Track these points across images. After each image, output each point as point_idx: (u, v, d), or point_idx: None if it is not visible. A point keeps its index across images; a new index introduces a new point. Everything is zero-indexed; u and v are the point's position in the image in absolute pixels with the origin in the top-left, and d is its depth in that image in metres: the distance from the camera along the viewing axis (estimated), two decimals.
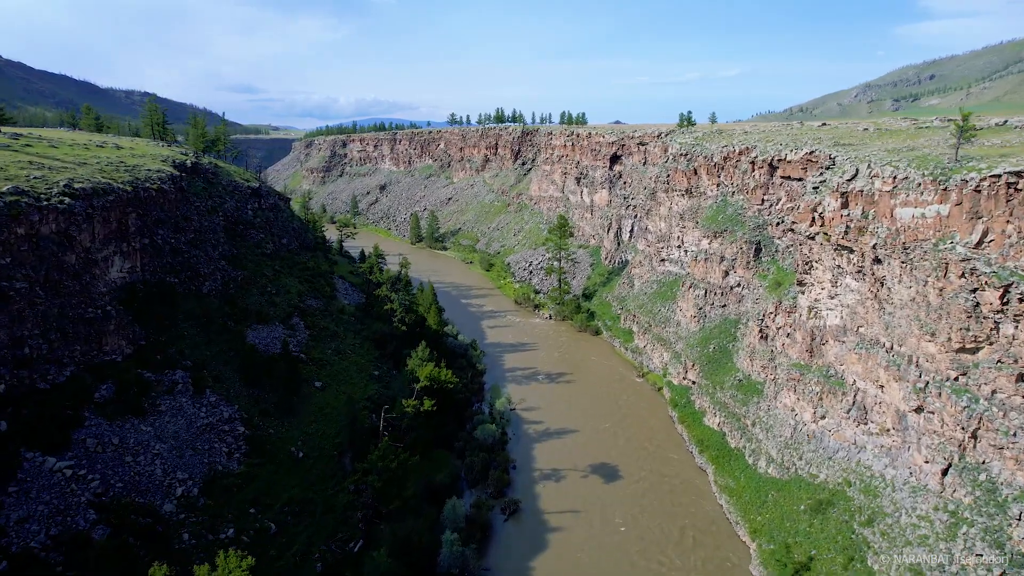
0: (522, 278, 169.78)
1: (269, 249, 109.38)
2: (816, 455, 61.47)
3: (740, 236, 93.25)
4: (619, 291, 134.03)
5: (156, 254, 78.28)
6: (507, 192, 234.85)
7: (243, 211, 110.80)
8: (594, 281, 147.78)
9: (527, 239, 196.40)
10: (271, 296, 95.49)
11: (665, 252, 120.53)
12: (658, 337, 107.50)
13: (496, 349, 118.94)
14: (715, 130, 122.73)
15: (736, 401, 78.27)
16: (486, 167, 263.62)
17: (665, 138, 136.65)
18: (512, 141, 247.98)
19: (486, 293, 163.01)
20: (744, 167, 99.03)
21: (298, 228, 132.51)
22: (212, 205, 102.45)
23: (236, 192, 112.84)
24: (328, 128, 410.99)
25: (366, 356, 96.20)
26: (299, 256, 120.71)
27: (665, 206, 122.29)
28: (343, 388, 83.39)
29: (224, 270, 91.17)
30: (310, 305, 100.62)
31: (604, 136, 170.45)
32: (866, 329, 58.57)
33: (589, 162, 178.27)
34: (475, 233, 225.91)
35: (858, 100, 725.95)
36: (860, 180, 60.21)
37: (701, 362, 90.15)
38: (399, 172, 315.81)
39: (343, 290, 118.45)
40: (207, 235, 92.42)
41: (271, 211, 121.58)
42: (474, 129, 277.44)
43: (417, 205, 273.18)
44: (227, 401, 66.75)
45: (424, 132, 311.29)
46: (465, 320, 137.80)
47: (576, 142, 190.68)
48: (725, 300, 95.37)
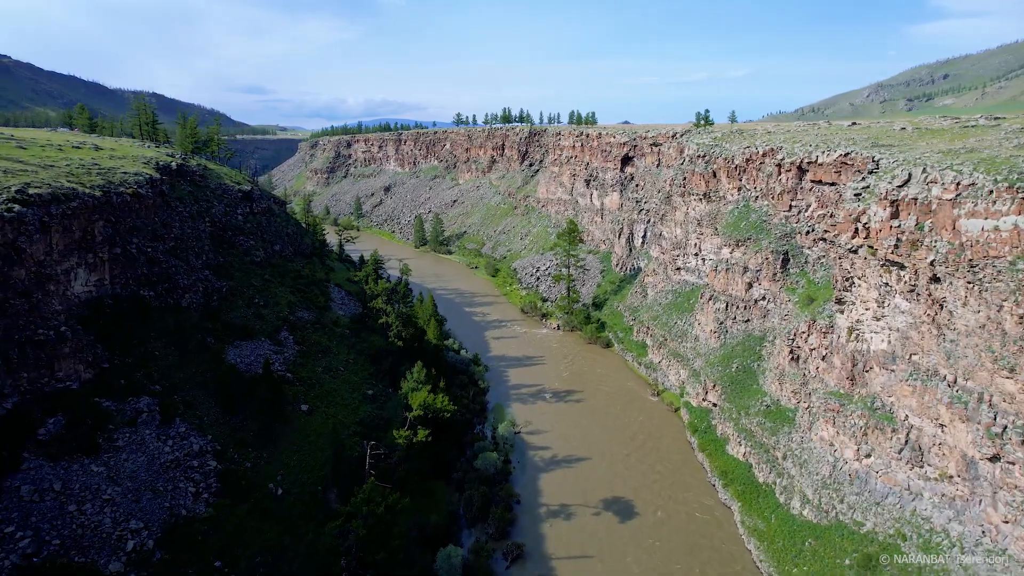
0: (529, 284, 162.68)
1: (259, 257, 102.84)
2: (860, 499, 53.99)
3: (765, 245, 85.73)
4: (631, 301, 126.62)
5: (129, 265, 71.70)
6: (514, 194, 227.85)
7: (232, 216, 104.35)
8: (604, 289, 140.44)
9: (534, 243, 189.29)
10: (258, 309, 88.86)
11: (681, 260, 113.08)
12: (674, 352, 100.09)
13: (500, 363, 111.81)
14: (735, 130, 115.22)
15: (764, 429, 70.82)
16: (492, 168, 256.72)
17: (681, 138, 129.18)
18: (519, 142, 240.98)
19: (491, 301, 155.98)
20: (769, 170, 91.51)
21: (293, 233, 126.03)
22: (198, 210, 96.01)
23: (225, 196, 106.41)
24: (333, 128, 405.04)
25: (360, 373, 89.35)
26: (293, 263, 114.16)
27: (681, 211, 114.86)
28: (332, 411, 76.56)
29: (207, 281, 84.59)
30: (301, 318, 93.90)
31: (615, 136, 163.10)
32: (921, 358, 51.04)
33: (599, 164, 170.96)
34: (481, 237, 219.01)
35: (870, 100, 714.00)
36: (914, 186, 52.70)
37: (723, 383, 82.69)
38: (404, 173, 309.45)
39: (339, 300, 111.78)
40: (190, 243, 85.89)
41: (264, 215, 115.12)
42: (480, 129, 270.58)
43: (422, 207, 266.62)
44: (199, 431, 60.00)
45: (429, 132, 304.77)
46: (468, 330, 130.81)
47: (586, 143, 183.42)
48: (748, 315, 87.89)
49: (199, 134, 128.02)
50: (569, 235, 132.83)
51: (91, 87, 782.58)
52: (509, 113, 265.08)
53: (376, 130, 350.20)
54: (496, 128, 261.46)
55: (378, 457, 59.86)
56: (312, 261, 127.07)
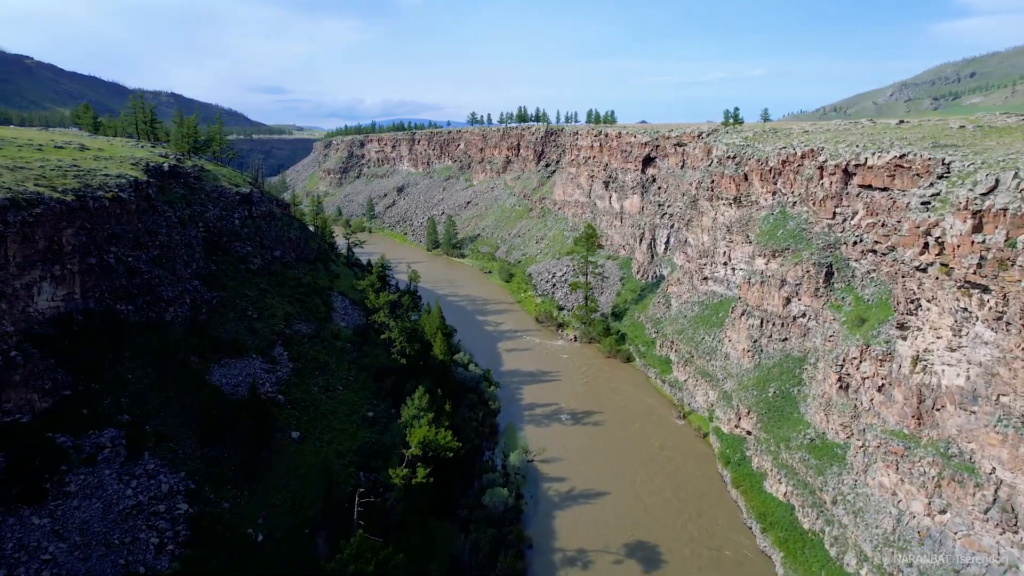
0: (544, 291, 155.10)
1: (256, 264, 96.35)
2: (935, 564, 45.74)
3: (806, 257, 77.34)
4: (654, 311, 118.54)
5: (106, 276, 65.31)
6: (529, 196, 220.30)
7: (228, 221, 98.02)
8: (624, 298, 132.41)
9: (550, 247, 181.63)
10: (251, 322, 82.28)
11: (709, 269, 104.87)
12: (702, 371, 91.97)
13: (513, 379, 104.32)
14: (767, 129, 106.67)
15: (808, 467, 62.66)
16: (507, 169, 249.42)
17: (707, 138, 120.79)
18: (535, 141, 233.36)
19: (504, 308, 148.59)
20: (809, 173, 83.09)
21: (296, 238, 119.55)
22: (190, 215, 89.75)
23: (222, 199, 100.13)
24: (347, 128, 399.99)
25: (361, 392, 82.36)
26: (293, 271, 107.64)
27: (708, 216, 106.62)
28: (327, 437, 69.66)
29: (195, 292, 78.16)
30: (298, 331, 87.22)
31: (636, 136, 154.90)
32: (1013, 400, 42.77)
33: (619, 164, 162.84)
34: (494, 240, 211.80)
35: (894, 99, 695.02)
36: (1002, 195, 44.42)
37: (759, 409, 74.51)
38: (417, 173, 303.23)
39: (341, 309, 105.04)
40: (177, 251, 79.49)
41: (263, 219, 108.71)
42: (495, 129, 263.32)
43: (435, 208, 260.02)
44: (171, 467, 53.28)
45: (443, 132, 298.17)
46: (480, 341, 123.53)
47: (604, 143, 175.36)
48: (786, 333, 79.57)
49: (199, 133, 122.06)
50: (587, 240, 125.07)
51: (111, 87, 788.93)
52: (525, 112, 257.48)
53: (390, 130, 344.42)
54: (511, 127, 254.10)
55: (370, 504, 52.68)
56: (316, 267, 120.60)
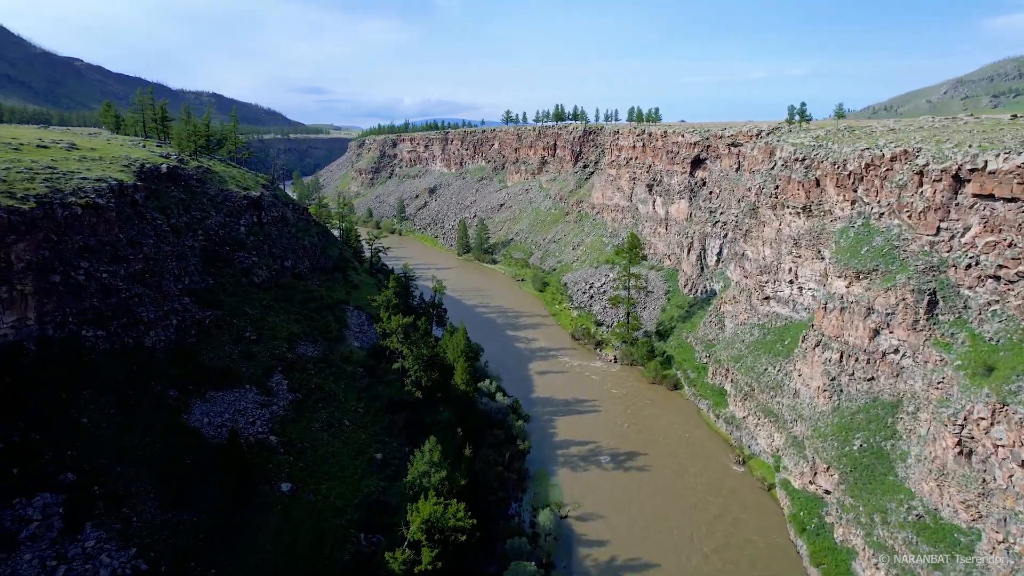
0: (581, 303, 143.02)
1: (262, 276, 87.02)
2: None
3: (901, 281, 63.70)
4: (704, 331, 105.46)
5: (73, 296, 56.23)
6: (566, 199, 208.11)
7: (232, 228, 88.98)
8: (670, 315, 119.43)
9: (588, 254, 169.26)
10: (248, 345, 72.67)
11: (771, 288, 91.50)
12: (765, 408, 78.92)
13: (546, 409, 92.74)
14: (843, 127, 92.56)
15: (917, 553, 49.49)
16: (543, 170, 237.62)
17: (768, 137, 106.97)
18: (572, 141, 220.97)
19: (538, 323, 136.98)
20: (902, 178, 69.33)
21: (311, 245, 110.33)
22: (187, 222, 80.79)
23: (226, 204, 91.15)
24: (380, 127, 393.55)
25: (370, 427, 71.90)
26: (305, 282, 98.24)
27: (771, 226, 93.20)
28: (325, 488, 59.29)
29: (186, 311, 68.93)
30: (302, 354, 77.36)
31: (684, 136, 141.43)
32: None
33: (664, 166, 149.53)
34: (528, 245, 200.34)
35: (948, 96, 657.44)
36: None
37: (841, 465, 61.39)
38: (450, 174, 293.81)
39: (356, 326, 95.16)
40: (166, 263, 70.35)
41: (274, 226, 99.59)
42: (530, 128, 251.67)
43: (467, 211, 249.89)
44: (120, 540, 43.43)
45: (477, 131, 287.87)
46: (509, 361, 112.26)
47: (648, 142, 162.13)
48: (873, 371, 66.07)
49: (211, 132, 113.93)
50: (630, 251, 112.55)
51: (155, 88, 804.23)
52: (562, 110, 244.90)
53: (423, 129, 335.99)
54: (547, 126, 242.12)
55: None
56: (332, 277, 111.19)
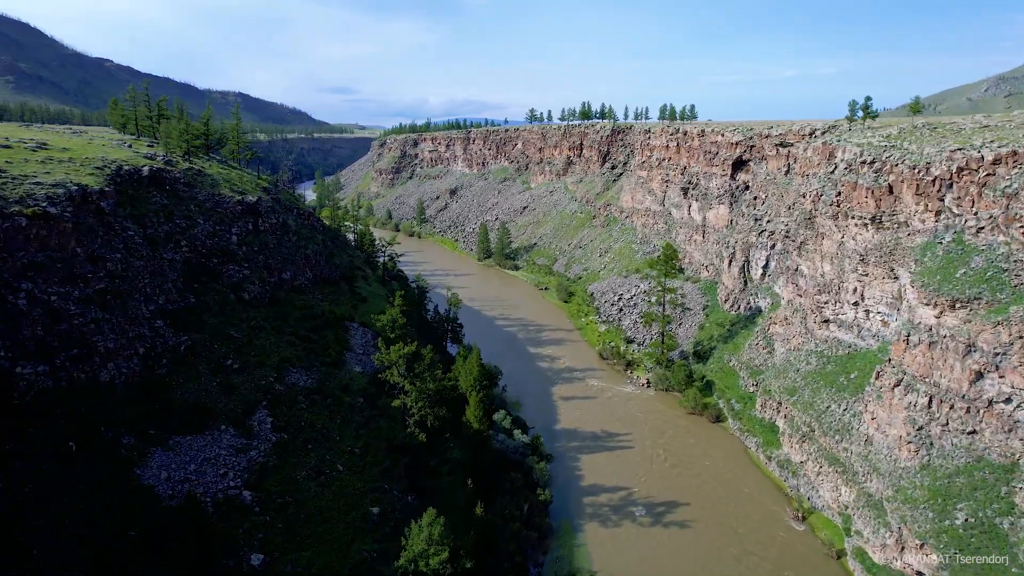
0: (609, 316, 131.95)
1: (254, 291, 77.78)
2: None
3: (1017, 314, 51.72)
4: (749, 355, 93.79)
5: (9, 325, 47.27)
6: (592, 201, 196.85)
7: (223, 237, 79.89)
8: (709, 333, 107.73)
9: (616, 262, 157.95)
10: (229, 374, 63.29)
11: (832, 309, 79.59)
12: (828, 454, 67.28)
13: (571, 445, 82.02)
14: (920, 124, 79.97)
15: None
16: (568, 171, 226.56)
17: (825, 137, 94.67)
18: (600, 141, 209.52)
19: (562, 338, 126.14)
20: (1010, 185, 57.26)
21: (316, 253, 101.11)
22: (168, 231, 71.83)
23: (217, 210, 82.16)
24: (401, 126, 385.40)
25: (368, 471, 62.01)
26: (305, 296, 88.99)
27: (832, 239, 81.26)
28: (306, 556, 49.44)
29: (157, 336, 59.81)
30: (294, 383, 67.83)
31: (724, 135, 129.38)
32: None
33: (701, 168, 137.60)
34: (552, 250, 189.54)
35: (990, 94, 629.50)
36: None
37: (941, 543, 49.64)
38: (472, 175, 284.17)
39: (360, 347, 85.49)
40: (136, 281, 61.27)
41: (272, 233, 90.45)
42: (555, 127, 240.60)
43: (488, 213, 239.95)
44: None
45: (500, 130, 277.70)
46: (530, 384, 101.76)
47: (682, 142, 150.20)
48: (975, 422, 54.15)
49: (210, 130, 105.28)
50: (665, 263, 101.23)
51: (182, 87, 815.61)
52: (588, 108, 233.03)
53: (444, 128, 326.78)
54: (573, 125, 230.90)
55: None
56: (338, 289, 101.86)
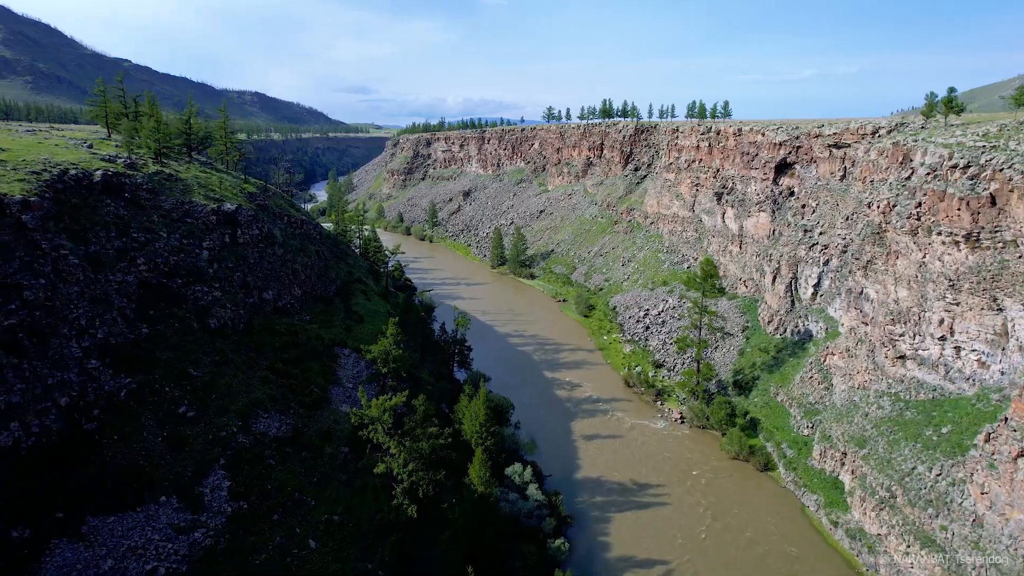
0: (634, 334, 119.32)
1: (223, 317, 66.46)
2: None
3: None
4: (802, 389, 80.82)
5: None
6: (614, 205, 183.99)
7: (191, 253, 68.64)
8: (751, 359, 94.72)
9: (640, 272, 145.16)
10: (180, 425, 51.87)
11: (909, 343, 66.40)
12: (917, 530, 54.22)
13: (595, 500, 69.55)
14: None
15: None
16: (588, 173, 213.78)
17: (895, 136, 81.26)
18: (622, 140, 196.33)
19: (583, 359, 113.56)
20: None
21: (306, 267, 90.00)
22: (122, 248, 60.74)
23: (186, 221, 70.98)
24: (414, 126, 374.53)
25: (349, 547, 50.30)
26: (289, 319, 77.77)
27: (909, 258, 68.06)
28: None
29: (90, 380, 48.61)
30: (263, 432, 56.32)
31: (764, 134, 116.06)
32: None
33: (738, 171, 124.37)
34: (571, 258, 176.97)
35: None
36: None
37: None
38: (486, 176, 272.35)
39: (351, 378, 73.97)
40: (66, 313, 50.09)
41: (253, 246, 79.21)
42: (574, 126, 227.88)
43: (503, 217, 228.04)
44: None
45: (516, 130, 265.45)
46: (547, 417, 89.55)
47: (715, 142, 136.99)
48: None
49: (194, 128, 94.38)
50: (703, 281, 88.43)
51: (199, 87, 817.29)
52: (609, 106, 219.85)
53: (458, 127, 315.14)
54: (594, 124, 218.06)
55: None
56: (331, 307, 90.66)
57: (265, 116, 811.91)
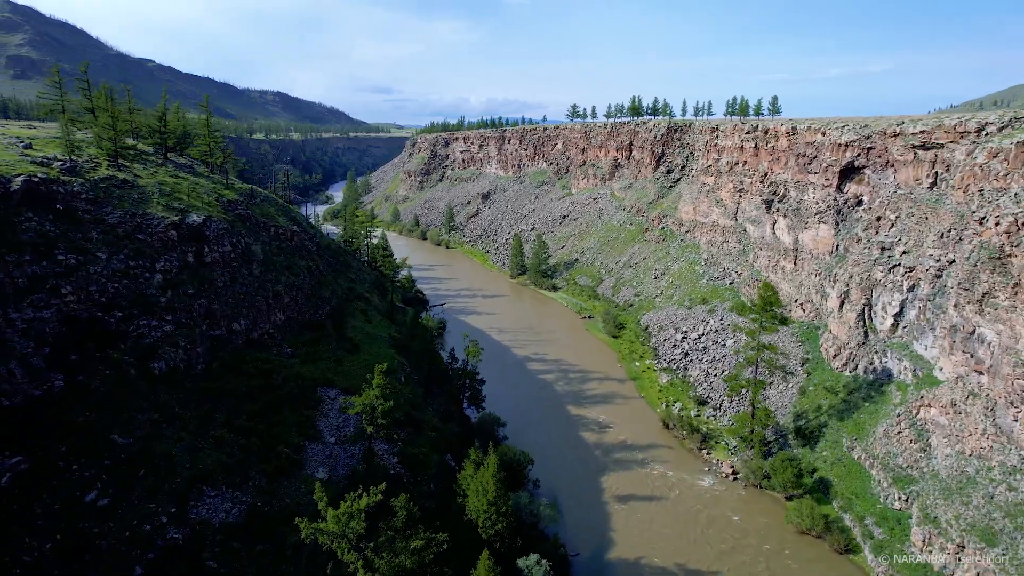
0: (671, 361, 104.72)
1: (172, 359, 53.47)
2: None
3: None
4: (887, 446, 65.62)
5: None
6: (644, 211, 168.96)
7: (139, 278, 55.80)
8: (814, 400, 79.54)
9: (675, 288, 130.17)
10: (85, 521, 38.76)
11: None
12: None
13: None
14: None
15: None
16: (615, 175, 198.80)
17: (1009, 133, 65.62)
18: (653, 140, 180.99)
19: (613, 392, 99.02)
20: None
21: (291, 287, 77.12)
22: (38, 275, 48.02)
23: (136, 238, 58.19)
24: (432, 125, 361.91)
25: None
26: (265, 353, 64.77)
27: None
28: None
29: None
30: (206, 519, 43.05)
31: (826, 133, 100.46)
32: None
33: (791, 175, 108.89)
34: (597, 268, 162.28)
35: None
36: None
37: None
38: (506, 178, 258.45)
39: (335, 430, 60.57)
40: None
41: (224, 267, 66.29)
42: (600, 125, 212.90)
43: (523, 222, 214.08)
44: None
45: (538, 129, 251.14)
46: (571, 466, 75.43)
47: (763, 142, 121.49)
48: None
49: (173, 125, 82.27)
50: (763, 310, 73.47)
51: (222, 87, 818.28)
52: (639, 103, 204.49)
53: (478, 127, 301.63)
54: (621, 123, 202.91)
55: None
56: (321, 333, 77.64)
57: (287, 116, 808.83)
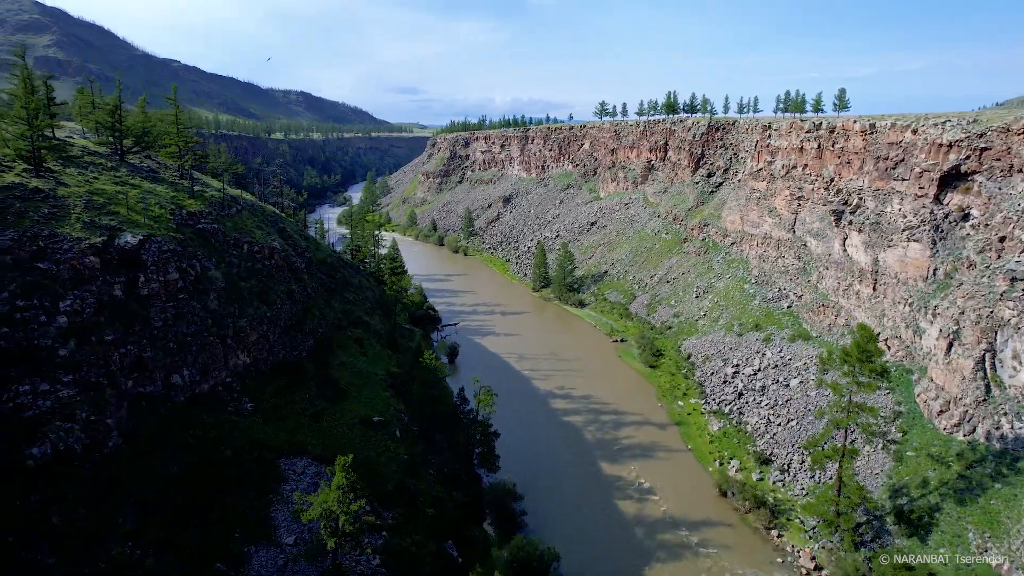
0: (721, 401, 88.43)
1: (64, 442, 38.90)
2: None
3: None
4: None
5: None
6: (682, 219, 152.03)
7: (31, 324, 41.39)
8: (918, 472, 62.48)
9: (722, 308, 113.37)
10: None
11: None
12: None
13: None
14: None
15: None
16: (649, 178, 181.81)
17: None
18: (691, 140, 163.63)
19: (653, 442, 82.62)
20: None
21: (261, 319, 62.45)
22: None
23: (36, 267, 43.80)
24: (452, 124, 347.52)
25: None
26: (209, 415, 50.05)
27: None
28: None
29: None
30: None
31: (918, 132, 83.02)
32: None
33: (868, 182, 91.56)
34: (629, 283, 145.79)
35: None
36: None
37: None
38: (529, 180, 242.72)
39: (292, 526, 45.53)
40: None
41: (166, 300, 51.76)
42: (632, 123, 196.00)
43: (547, 228, 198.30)
44: None
45: (563, 128, 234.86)
46: (608, 549, 59.50)
47: (828, 143, 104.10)
48: None
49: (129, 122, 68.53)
50: (859, 358, 56.70)
51: (245, 87, 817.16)
52: (674, 100, 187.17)
53: (499, 126, 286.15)
54: (656, 120, 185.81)
55: None
56: (298, 375, 62.98)
57: (310, 116, 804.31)
